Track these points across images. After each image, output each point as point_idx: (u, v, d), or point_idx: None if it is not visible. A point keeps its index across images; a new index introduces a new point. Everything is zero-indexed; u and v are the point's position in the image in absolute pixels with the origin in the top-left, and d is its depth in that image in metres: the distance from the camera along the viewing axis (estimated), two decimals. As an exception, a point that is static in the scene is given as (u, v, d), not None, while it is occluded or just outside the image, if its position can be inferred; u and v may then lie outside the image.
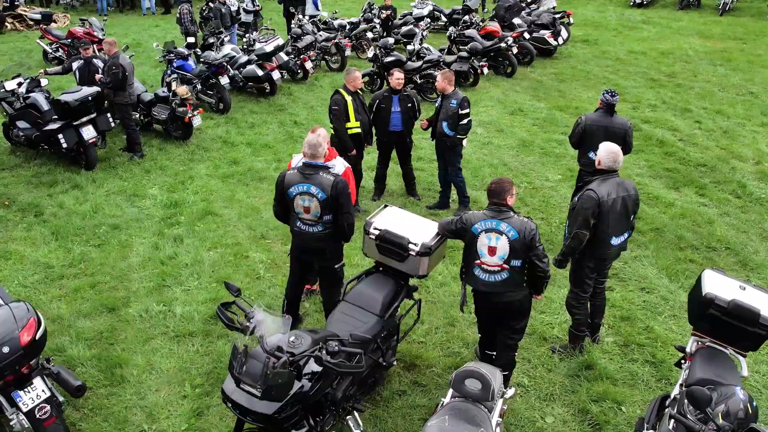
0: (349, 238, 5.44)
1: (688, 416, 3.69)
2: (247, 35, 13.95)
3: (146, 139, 10.62)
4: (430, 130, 8.33)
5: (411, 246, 5.04)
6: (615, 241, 5.31)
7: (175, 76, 11.52)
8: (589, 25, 20.35)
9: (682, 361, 4.69)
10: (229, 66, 12.11)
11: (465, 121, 7.91)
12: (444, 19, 19.26)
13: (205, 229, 7.98)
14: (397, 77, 8.16)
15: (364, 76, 13.24)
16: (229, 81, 11.99)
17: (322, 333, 4.34)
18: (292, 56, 13.79)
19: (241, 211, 8.46)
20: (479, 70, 13.57)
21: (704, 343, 4.46)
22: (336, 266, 5.58)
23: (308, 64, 13.92)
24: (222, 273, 7.02)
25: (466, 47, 15.23)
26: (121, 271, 7.07)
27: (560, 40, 16.56)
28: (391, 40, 13.16)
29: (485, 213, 4.74)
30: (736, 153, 10.35)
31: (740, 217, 8.42)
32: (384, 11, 17.34)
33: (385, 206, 5.62)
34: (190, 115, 10.36)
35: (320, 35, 14.85)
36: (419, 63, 12.78)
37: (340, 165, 5.84)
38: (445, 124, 7.95)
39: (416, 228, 5.24)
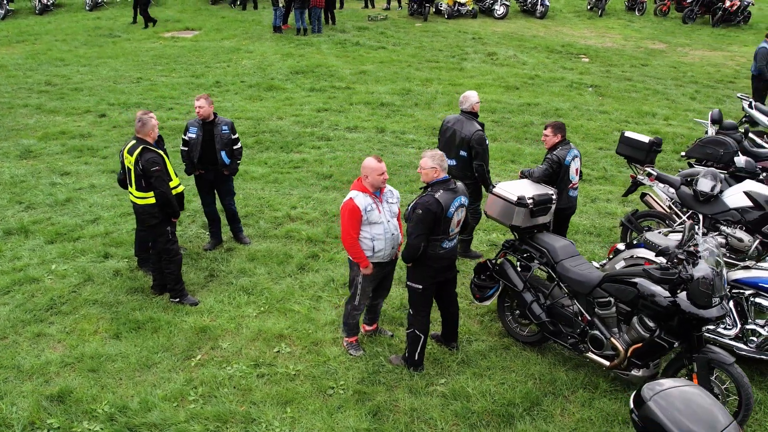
0: None
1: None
2: None
3: None
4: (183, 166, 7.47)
5: (554, 197, 5.84)
6: None
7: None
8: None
9: (649, 183, 7.08)
10: None
11: (239, 145, 7.55)
12: None
13: (101, 389, 5.48)
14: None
15: None
16: None
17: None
18: None
19: (89, 357, 5.88)
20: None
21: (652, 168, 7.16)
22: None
23: None
24: (234, 399, 5.41)
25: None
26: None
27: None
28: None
29: (564, 147, 6.13)
30: (279, 114, 12.69)
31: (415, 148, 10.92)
32: None
33: (493, 186, 5.99)
34: None
35: None
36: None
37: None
38: (223, 153, 7.28)
39: (530, 186, 5.94)
